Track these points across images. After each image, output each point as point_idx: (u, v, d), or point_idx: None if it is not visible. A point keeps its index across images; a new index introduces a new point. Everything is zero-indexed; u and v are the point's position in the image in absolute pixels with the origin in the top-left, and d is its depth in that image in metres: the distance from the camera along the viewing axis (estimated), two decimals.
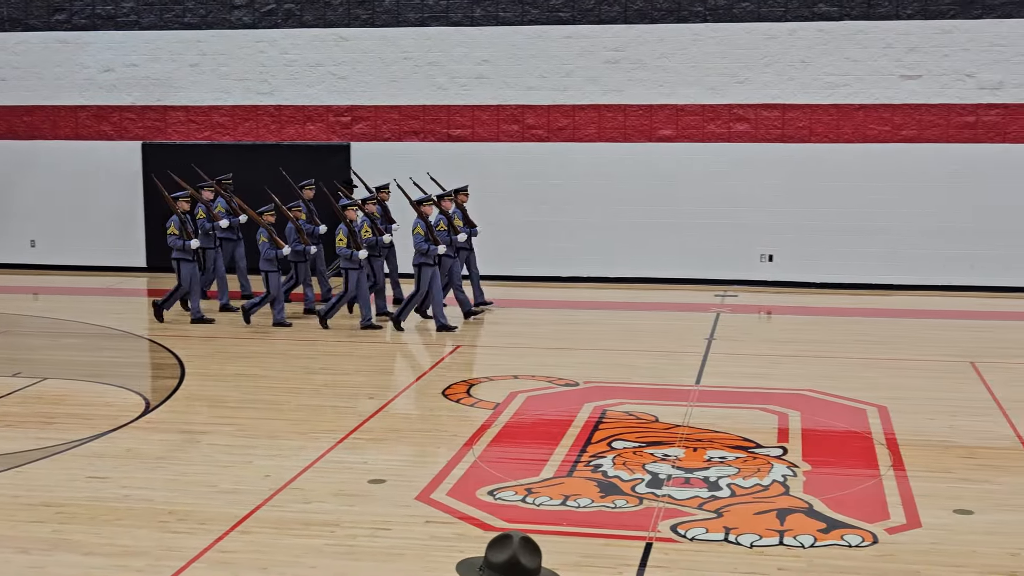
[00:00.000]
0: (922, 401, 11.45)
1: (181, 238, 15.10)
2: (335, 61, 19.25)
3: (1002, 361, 13.21)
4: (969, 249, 17.72)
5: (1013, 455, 9.69)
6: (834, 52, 17.93)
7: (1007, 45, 17.50)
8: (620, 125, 18.58)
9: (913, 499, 8.54)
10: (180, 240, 15.11)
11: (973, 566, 7.30)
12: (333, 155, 19.23)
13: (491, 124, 18.88)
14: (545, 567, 4.13)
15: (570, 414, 10.95)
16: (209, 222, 16.14)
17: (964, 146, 17.70)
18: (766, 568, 7.27)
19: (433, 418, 11.01)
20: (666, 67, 18.37)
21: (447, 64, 18.92)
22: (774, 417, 10.86)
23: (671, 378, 12.57)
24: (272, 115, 19.53)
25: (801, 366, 13.09)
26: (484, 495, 8.62)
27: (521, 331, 14.99)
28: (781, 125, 18.19)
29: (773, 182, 18.14)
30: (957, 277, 17.80)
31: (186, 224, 15.19)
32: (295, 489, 8.78)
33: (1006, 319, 15.94)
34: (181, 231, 15.11)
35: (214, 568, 7.30)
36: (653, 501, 8.50)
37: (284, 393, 11.82)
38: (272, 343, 14.27)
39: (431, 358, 13.53)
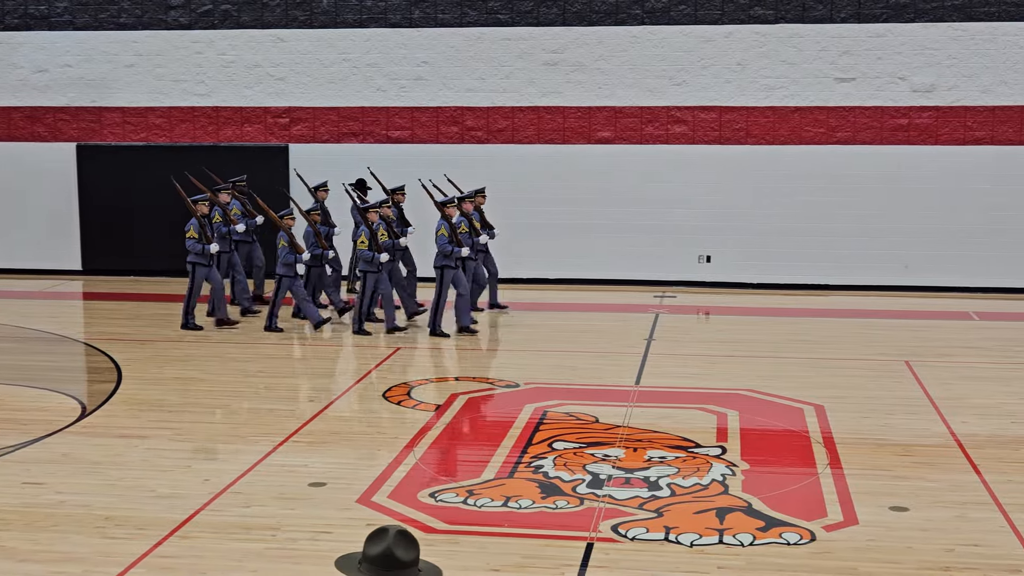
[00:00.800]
0: (858, 400, 11.59)
1: (201, 242, 14.80)
2: (273, 62, 19.14)
3: (936, 360, 13.41)
4: (903, 250, 17.97)
5: (947, 452, 9.84)
6: (770, 55, 18.11)
7: (938, 49, 17.77)
8: (559, 127, 18.64)
9: (850, 497, 8.65)
10: (200, 244, 14.80)
11: (909, 562, 7.41)
12: (271, 157, 19.12)
13: (430, 126, 18.86)
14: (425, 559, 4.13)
15: (511, 416, 10.97)
16: (226, 226, 15.80)
17: (897, 148, 17.95)
18: (706, 567, 7.33)
19: (374, 420, 10.98)
20: (604, 69, 18.46)
21: (386, 66, 18.88)
22: (713, 417, 10.95)
23: (611, 379, 12.63)
24: (209, 116, 19.38)
25: (739, 366, 13.21)
26: (425, 497, 8.62)
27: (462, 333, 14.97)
28: (718, 127, 18.34)
29: (711, 184, 18.28)
30: (892, 277, 18.04)
31: (205, 228, 14.89)
32: (235, 493, 8.72)
33: (940, 319, 16.17)
34: (201, 235, 14.81)
35: (153, 574, 7.23)
36: (594, 501, 8.54)
37: (223, 396, 11.74)
38: (210, 346, 14.16)
39: (371, 360, 13.50)
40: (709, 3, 18.16)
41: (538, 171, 18.46)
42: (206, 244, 14.81)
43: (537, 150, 18.61)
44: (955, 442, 10.11)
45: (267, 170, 18.95)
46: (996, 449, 9.91)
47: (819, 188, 18.09)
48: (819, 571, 7.27)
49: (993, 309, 16.73)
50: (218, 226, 15.66)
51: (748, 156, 18.19)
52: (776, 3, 18.03)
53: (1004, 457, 9.68)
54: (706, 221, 18.29)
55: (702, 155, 18.28)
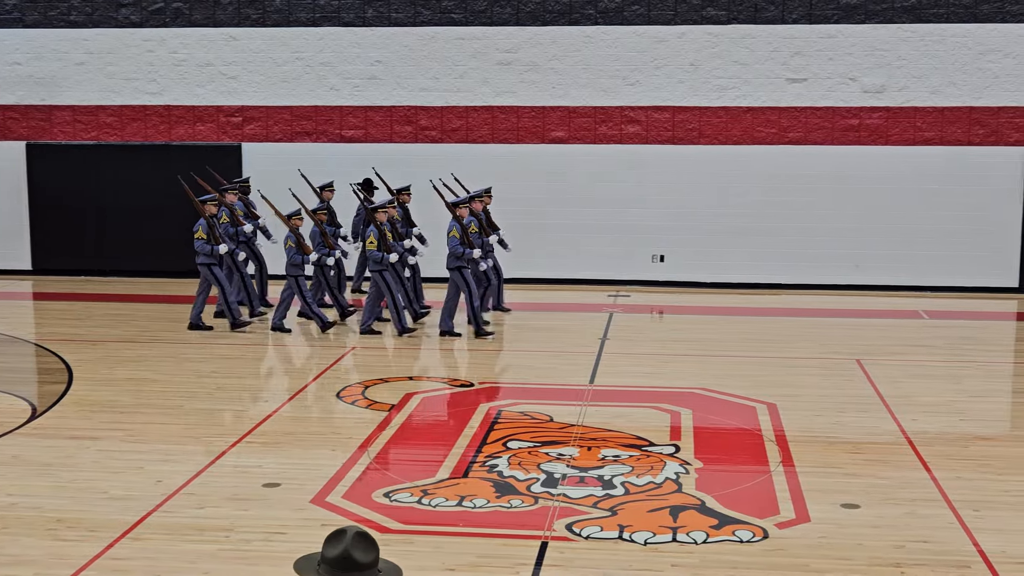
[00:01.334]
0: (810, 398, 11.69)
1: (210, 242, 14.65)
2: (225, 61, 19.04)
3: (887, 359, 13.54)
4: (854, 249, 18.14)
5: (897, 450, 9.94)
6: (722, 56, 18.22)
7: (888, 50, 17.95)
8: (513, 126, 18.66)
9: (802, 494, 8.72)
10: (208, 245, 14.65)
11: (860, 559, 7.48)
12: (224, 156, 19.02)
13: (384, 125, 18.83)
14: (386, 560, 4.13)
15: (465, 415, 10.98)
16: (233, 226, 15.64)
17: (848, 148, 18.12)
18: (660, 565, 7.37)
19: (328, 420, 10.95)
20: (558, 69, 18.50)
21: (339, 65, 18.83)
22: (666, 415, 11.00)
23: (565, 378, 12.66)
24: (161, 115, 19.25)
25: (692, 365, 13.28)
26: (380, 497, 8.61)
27: (416, 332, 14.95)
28: (671, 127, 18.43)
29: (664, 183, 18.37)
30: (843, 277, 18.21)
31: (214, 228, 14.72)
32: (188, 494, 8.67)
33: (890, 317, 16.33)
34: (209, 235, 14.66)
35: None
36: (548, 500, 8.56)
37: (176, 397, 11.66)
38: (163, 347, 14.06)
39: (325, 360, 13.45)
40: (662, 3, 18.25)
41: (492, 171, 18.45)
42: (215, 245, 14.66)
43: (491, 150, 18.63)
44: (905, 440, 10.22)
45: (220, 169, 18.83)
46: (945, 446, 10.02)
47: (771, 188, 18.23)
48: (772, 568, 7.33)
49: (943, 308, 16.92)
50: (225, 227, 15.50)
51: (701, 156, 18.30)
52: (728, 4, 18.14)
53: (953, 454, 9.79)
54: (660, 221, 18.38)
55: (655, 155, 18.37)
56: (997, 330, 16.25)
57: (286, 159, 18.63)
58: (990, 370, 13.44)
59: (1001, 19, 17.77)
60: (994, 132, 17.93)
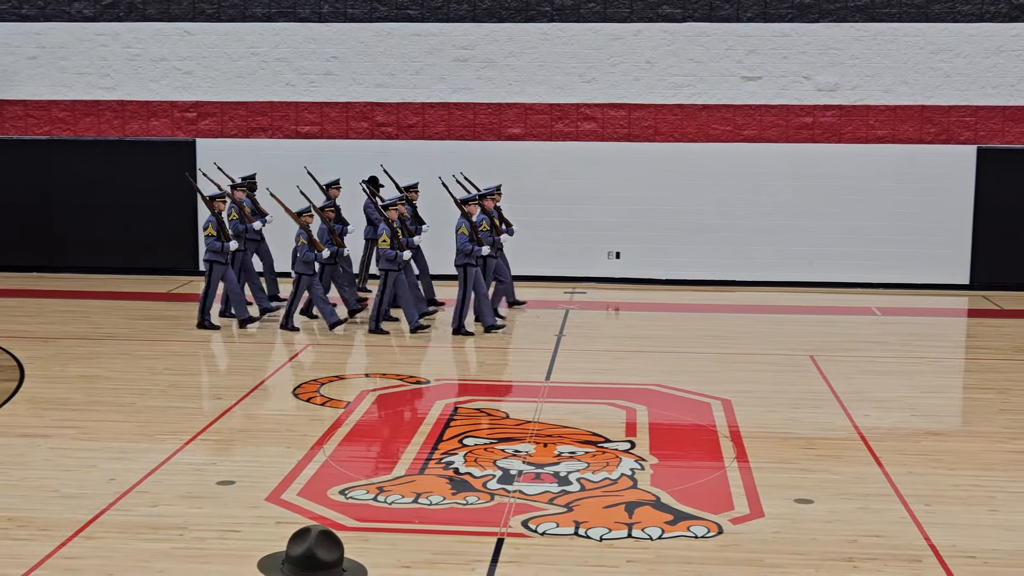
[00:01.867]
0: (764, 394, 11.77)
1: (220, 240, 14.49)
2: (180, 56, 18.90)
3: (840, 355, 13.65)
4: (808, 247, 18.26)
5: (850, 445, 10.02)
6: (678, 53, 18.29)
7: (842, 49, 18.09)
8: (470, 123, 18.65)
9: (756, 490, 8.78)
10: (218, 242, 14.48)
11: (813, 553, 7.54)
12: (178, 152, 18.88)
13: (340, 121, 18.77)
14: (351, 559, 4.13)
15: (421, 412, 10.97)
16: (242, 223, 15.46)
17: (803, 146, 18.24)
18: (615, 560, 7.40)
19: (283, 418, 10.90)
20: (514, 66, 18.51)
21: (295, 60, 18.74)
22: (622, 412, 11.04)
23: (521, 374, 12.67)
24: (115, 110, 19.08)
25: (648, 361, 13.33)
26: (335, 495, 8.58)
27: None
28: (627, 124, 18.48)
29: (620, 180, 18.41)
30: (797, 274, 18.33)
31: (224, 225, 14.55)
32: (141, 492, 8.61)
33: (843, 314, 16.46)
34: (220, 232, 14.51)
35: (58, 575, 7.12)
36: (504, 497, 8.57)
37: (128, 394, 11.57)
38: (116, 344, 13.95)
39: (280, 357, 13.40)
40: (618, 1, 18.30)
41: (448, 167, 18.41)
42: (225, 242, 14.53)
43: (447, 146, 18.60)
44: (858, 435, 10.30)
45: (174, 165, 18.72)
46: (897, 442, 10.12)
47: (726, 185, 18.32)
48: (726, 563, 7.37)
49: (895, 305, 17.08)
50: (234, 224, 15.34)
51: (657, 153, 18.37)
52: (684, 2, 18.21)
53: (905, 450, 9.89)
54: (615, 218, 18.43)
55: (611, 152, 18.42)
56: (948, 326, 16.42)
57: (242, 155, 18.52)
58: (941, 366, 13.58)
59: (952, 19, 17.95)
60: (945, 131, 18.11)
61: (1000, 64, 17.97)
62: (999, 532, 7.96)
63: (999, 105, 18.02)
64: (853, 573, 7.25)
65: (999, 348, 14.27)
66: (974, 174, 18.05)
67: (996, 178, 18.02)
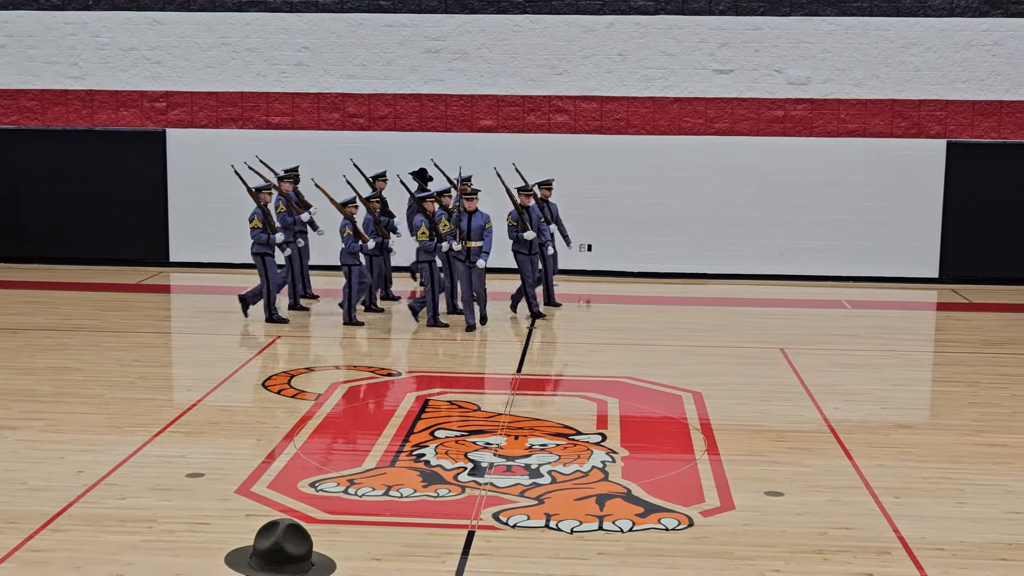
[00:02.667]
0: (735, 387, 11.80)
1: (265, 232, 14.35)
2: (149, 45, 18.76)
3: (810, 348, 13.70)
4: (779, 240, 18.32)
5: (820, 438, 10.06)
6: (650, 46, 18.29)
7: (813, 42, 18.14)
8: (441, 114, 18.60)
9: (727, 482, 8.80)
10: (264, 234, 14.35)
11: (783, 546, 7.56)
12: (148, 142, 18.76)
13: (311, 112, 18.69)
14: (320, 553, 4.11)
15: (392, 404, 10.95)
16: (289, 216, 15.31)
17: (774, 139, 18.29)
18: (586, 553, 7.40)
19: (253, 410, 10.86)
20: (487, 57, 18.47)
21: (266, 51, 18.64)
22: (593, 404, 11.04)
23: (493, 367, 12.66)
24: (83, 100, 18.93)
25: (619, 354, 13.34)
26: (306, 487, 8.55)
27: (342, 322, 14.87)
28: (599, 117, 18.48)
29: (592, 173, 18.40)
30: (767, 267, 18.38)
31: (270, 217, 14.42)
32: (110, 485, 8.56)
33: (814, 307, 16.53)
34: (265, 224, 14.38)
35: (26, 568, 7.06)
36: (475, 489, 8.56)
37: (97, 386, 11.50)
38: (85, 335, 13.86)
39: (251, 349, 13.34)
40: None
41: (421, 159, 18.37)
42: (271, 234, 14.41)
43: (420, 138, 18.55)
44: (828, 428, 10.35)
45: (143, 156, 18.61)
46: (867, 434, 10.16)
47: (697, 178, 18.35)
48: (696, 556, 7.39)
49: (865, 298, 17.16)
50: (282, 216, 15.21)
51: (629, 146, 18.37)
52: None
53: (875, 442, 9.94)
54: (587, 210, 18.41)
55: (583, 144, 18.41)
56: (918, 320, 16.52)
57: (212, 146, 18.43)
58: (911, 359, 13.65)
59: (923, 13, 18.03)
60: (915, 125, 18.19)
61: (970, 58, 18.06)
62: (967, 524, 8.01)
63: (969, 99, 18.11)
64: (823, 565, 7.27)
65: (968, 341, 14.36)
66: (944, 168, 18.15)
67: (965, 172, 18.13)
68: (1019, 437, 10.17)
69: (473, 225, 14.22)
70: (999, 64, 18.05)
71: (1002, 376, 12.45)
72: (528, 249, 14.98)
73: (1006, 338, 14.49)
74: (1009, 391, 11.78)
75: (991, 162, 18.14)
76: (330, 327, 14.53)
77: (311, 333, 14.30)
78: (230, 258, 18.58)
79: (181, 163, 18.67)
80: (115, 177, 18.76)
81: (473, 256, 14.25)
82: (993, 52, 18.03)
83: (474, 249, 14.23)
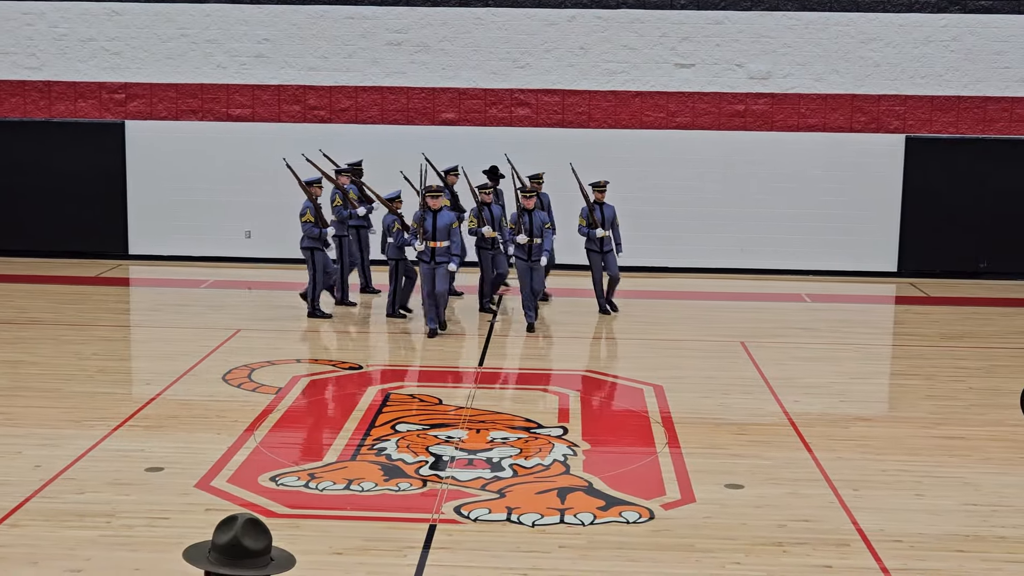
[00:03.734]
0: (696, 380, 11.84)
1: (317, 226, 14.21)
2: (108, 36, 18.60)
3: (770, 341, 13.77)
4: (740, 233, 18.39)
5: (780, 431, 10.12)
6: (612, 40, 18.32)
7: (774, 37, 18.22)
8: (403, 107, 18.55)
9: (687, 475, 8.83)
10: (316, 228, 14.20)
11: (743, 538, 7.60)
12: (107, 133, 18.59)
13: (272, 104, 18.58)
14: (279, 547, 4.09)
15: (354, 398, 10.91)
16: (345, 209, 15.12)
17: (735, 133, 18.36)
18: (547, 546, 7.41)
19: (213, 404, 10.79)
20: (448, 50, 18.43)
21: (226, 42, 18.52)
22: (555, 398, 11.06)
23: (454, 360, 12.65)
24: (41, 91, 18.74)
25: (580, 347, 13.36)
26: (266, 481, 8.52)
27: (303, 314, 14.81)
28: (561, 110, 18.49)
29: (553, 166, 18.37)
30: (728, 260, 18.46)
31: (320, 211, 14.28)
32: (68, 479, 8.49)
33: (773, 300, 16.62)
34: (317, 218, 14.21)
35: None
36: (437, 483, 8.56)
37: (55, 380, 11.40)
38: (43, 328, 13.73)
39: (211, 342, 13.26)
40: None
41: (382, 152, 18.32)
42: (323, 228, 14.30)
43: (381, 131, 18.49)
44: (788, 421, 10.41)
45: (102, 148, 18.45)
46: (826, 427, 10.23)
47: (659, 172, 18.39)
48: (657, 548, 7.41)
49: (824, 291, 17.26)
50: (338, 210, 15.07)
51: (590, 140, 18.38)
52: None
53: (834, 435, 10.00)
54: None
55: (545, 138, 18.40)
56: (876, 313, 16.64)
57: (171, 138, 18.30)
58: (869, 352, 13.75)
59: (882, 9, 18.14)
60: (875, 119, 18.31)
61: (929, 54, 18.20)
62: (925, 516, 8.08)
63: (927, 95, 18.25)
64: (782, 557, 7.32)
65: (926, 335, 14.48)
66: (902, 163, 18.29)
67: (924, 167, 18.27)
68: (976, 429, 10.28)
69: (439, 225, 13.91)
70: (957, 60, 18.20)
71: (959, 369, 12.57)
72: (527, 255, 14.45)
73: (963, 331, 14.63)
74: (966, 384, 11.90)
75: (949, 157, 18.30)
76: (291, 319, 14.46)
77: (272, 327, 14.21)
78: (190, 251, 18.47)
79: (140, 155, 18.52)
80: (73, 169, 18.59)
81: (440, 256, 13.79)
82: (951, 48, 18.18)
83: (440, 249, 13.83)
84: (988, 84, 18.25)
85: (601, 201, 15.16)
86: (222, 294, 16.14)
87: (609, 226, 15.15)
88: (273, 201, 17.92)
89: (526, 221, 14.33)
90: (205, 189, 18.45)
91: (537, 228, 14.34)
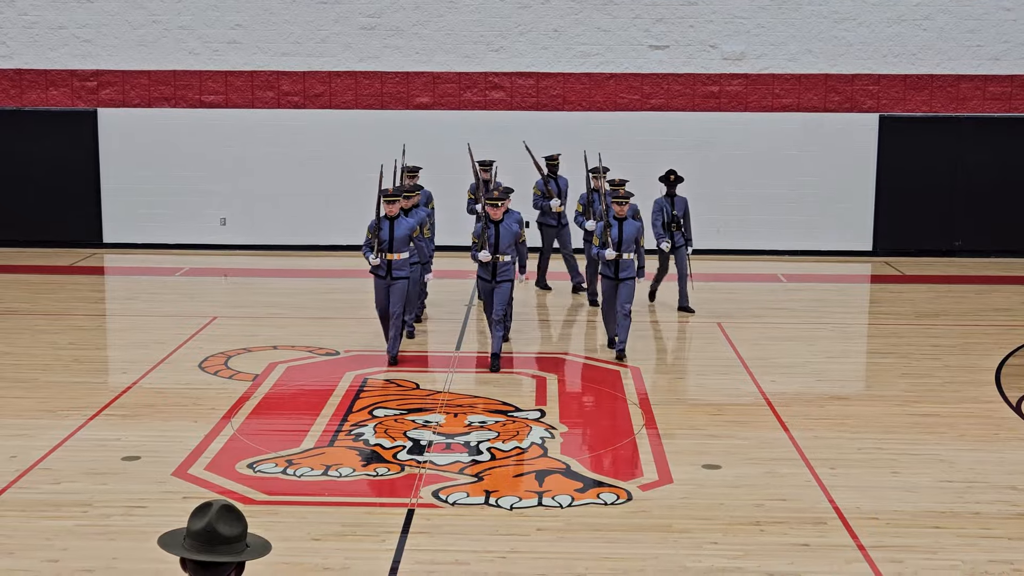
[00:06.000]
0: (673, 361, 11.88)
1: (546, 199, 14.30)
2: (79, 23, 18.46)
3: (746, 321, 13.81)
4: (715, 214, 18.42)
5: (756, 411, 10.16)
6: (585, 22, 18.29)
7: (747, 18, 18.22)
8: (377, 92, 18.49)
9: (665, 456, 8.86)
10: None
11: (721, 518, 7.64)
12: (78, 122, 18.48)
13: (245, 90, 18.49)
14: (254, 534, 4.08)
15: (331, 383, 10.90)
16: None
17: (709, 114, 18.37)
18: (526, 529, 7.43)
19: (189, 391, 10.76)
20: (422, 34, 18.37)
21: (198, 28, 18.42)
22: (532, 381, 11.07)
23: (432, 345, 12.64)
24: (11, 79, 18.60)
25: (557, 330, 13.37)
26: (244, 468, 8.51)
27: (280, 300, 14.79)
28: (536, 93, 18.46)
29: None
30: (704, 241, 18.47)
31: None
32: (44, 469, 8.46)
33: (749, 281, 16.66)
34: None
35: None
36: (415, 468, 8.56)
37: (31, 370, 11.34)
38: (17, 319, 13.65)
39: (187, 330, 13.21)
40: None
41: (358, 137, 18.29)
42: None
43: (356, 116, 18.43)
44: (765, 401, 10.45)
45: (75, 136, 18.34)
46: (803, 407, 10.27)
47: (634, 154, 18.37)
48: (635, 530, 7.44)
49: (800, 271, 17.32)
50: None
51: (565, 122, 18.37)
52: None
53: (810, 414, 10.05)
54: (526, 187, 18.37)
55: (520, 121, 18.37)
56: (852, 293, 16.70)
57: (144, 125, 18.21)
58: (845, 332, 13.80)
59: None
60: (849, 99, 18.35)
61: (902, 33, 18.24)
62: (901, 494, 8.13)
63: (901, 74, 18.29)
64: (760, 536, 7.35)
65: (901, 313, 14.54)
66: (876, 142, 18.34)
67: (898, 146, 18.33)
68: (951, 407, 10.34)
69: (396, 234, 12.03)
70: (930, 39, 18.24)
71: (934, 347, 12.63)
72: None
73: (938, 310, 14.70)
74: (941, 362, 11.96)
75: (923, 136, 18.36)
76: (266, 306, 14.43)
77: (248, 313, 14.16)
78: (165, 239, 18.40)
79: (113, 143, 18.42)
80: (46, 158, 18.48)
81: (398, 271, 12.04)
82: (924, 27, 18.22)
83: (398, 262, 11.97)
84: (961, 63, 18.31)
85: (622, 216, 12.57)
86: (197, 281, 16.08)
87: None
88: (248, 188, 17.87)
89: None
90: (179, 176, 18.36)
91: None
